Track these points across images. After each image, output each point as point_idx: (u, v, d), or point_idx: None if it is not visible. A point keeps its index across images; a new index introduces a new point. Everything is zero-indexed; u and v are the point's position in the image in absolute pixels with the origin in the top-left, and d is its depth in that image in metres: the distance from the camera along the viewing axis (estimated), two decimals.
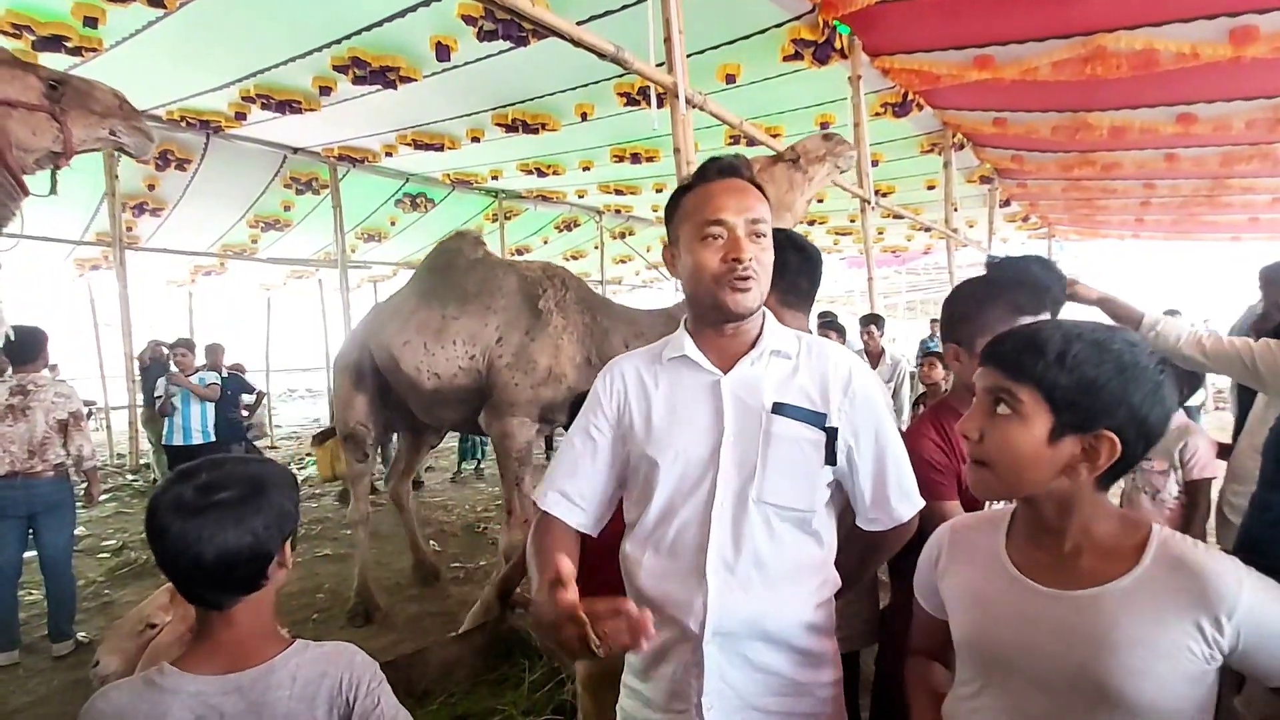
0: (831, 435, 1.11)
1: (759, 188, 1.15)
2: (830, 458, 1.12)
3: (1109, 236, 12.53)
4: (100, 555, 5.08)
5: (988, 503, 1.21)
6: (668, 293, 13.44)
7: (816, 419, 1.11)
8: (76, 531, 5.65)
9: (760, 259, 1.10)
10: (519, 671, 2.75)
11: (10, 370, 3.58)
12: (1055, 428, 0.85)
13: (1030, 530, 0.93)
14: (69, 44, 4.06)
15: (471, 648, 2.89)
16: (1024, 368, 0.86)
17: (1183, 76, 4.06)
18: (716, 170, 1.14)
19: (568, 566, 0.90)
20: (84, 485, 3.76)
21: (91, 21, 3.91)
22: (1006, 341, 0.91)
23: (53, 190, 2.00)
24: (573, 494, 1.18)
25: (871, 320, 5.28)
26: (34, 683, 3.17)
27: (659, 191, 8.76)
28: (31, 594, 3.92)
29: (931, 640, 1.09)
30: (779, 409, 1.10)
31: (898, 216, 6.96)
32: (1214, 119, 4.85)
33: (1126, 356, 0.84)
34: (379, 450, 4.54)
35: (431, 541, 4.96)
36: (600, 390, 1.22)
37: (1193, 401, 5.38)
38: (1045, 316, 1.33)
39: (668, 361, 1.18)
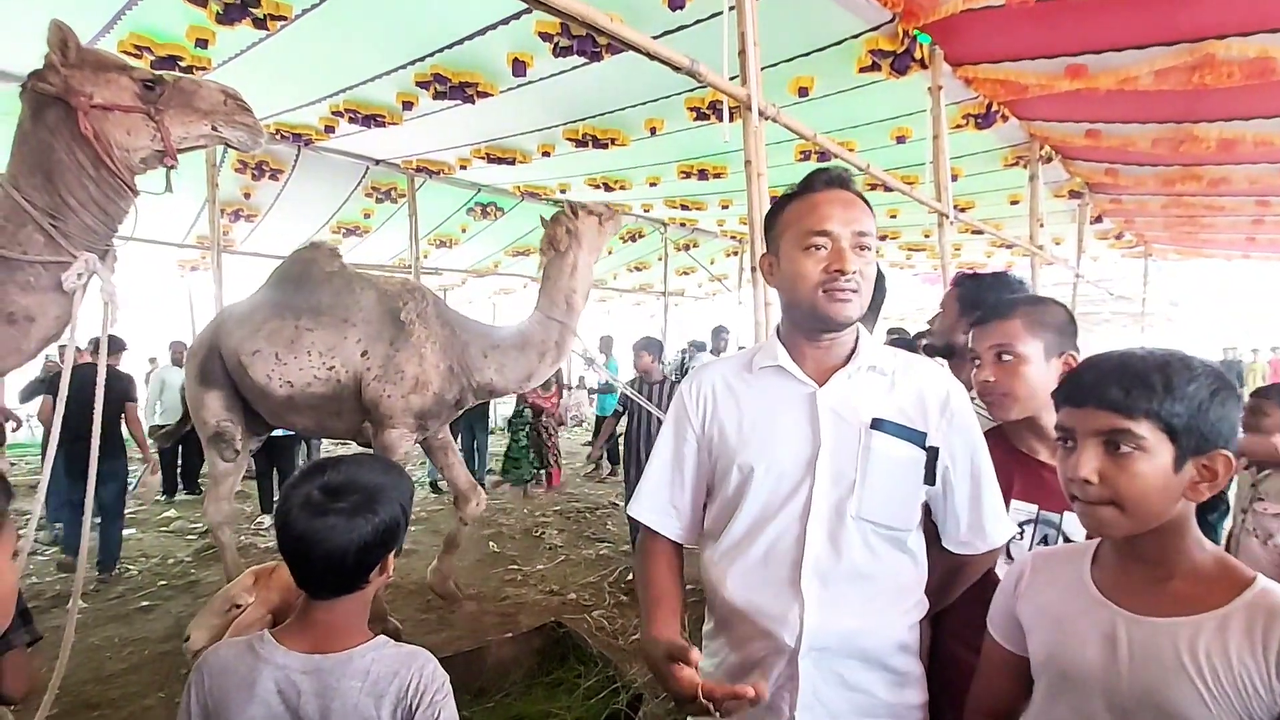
0: (932, 454, 1.09)
1: (865, 200, 1.11)
2: (930, 477, 1.10)
3: (1215, 256, 11.60)
4: (188, 537, 5.43)
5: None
6: (729, 304, 13.31)
7: (917, 437, 1.08)
8: (169, 513, 6.12)
9: (864, 272, 1.06)
10: (574, 676, 2.76)
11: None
12: (1178, 455, 0.85)
13: (1119, 558, 0.93)
14: (182, 63, 4.40)
15: (529, 648, 2.92)
16: (1136, 404, 0.85)
17: None
18: (824, 180, 1.11)
19: (679, 641, 0.98)
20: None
21: (203, 43, 4.24)
22: (1100, 381, 0.88)
23: (168, 188, 2.01)
24: (666, 504, 1.18)
25: None
26: (127, 651, 3.43)
27: (725, 208, 8.71)
28: (129, 568, 4.21)
29: (993, 691, 1.04)
30: (878, 425, 1.07)
31: (978, 232, 6.68)
32: None
33: (1213, 375, 0.85)
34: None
35: (491, 544, 5.06)
36: (686, 398, 1.20)
37: None
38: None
39: (758, 370, 1.16)
